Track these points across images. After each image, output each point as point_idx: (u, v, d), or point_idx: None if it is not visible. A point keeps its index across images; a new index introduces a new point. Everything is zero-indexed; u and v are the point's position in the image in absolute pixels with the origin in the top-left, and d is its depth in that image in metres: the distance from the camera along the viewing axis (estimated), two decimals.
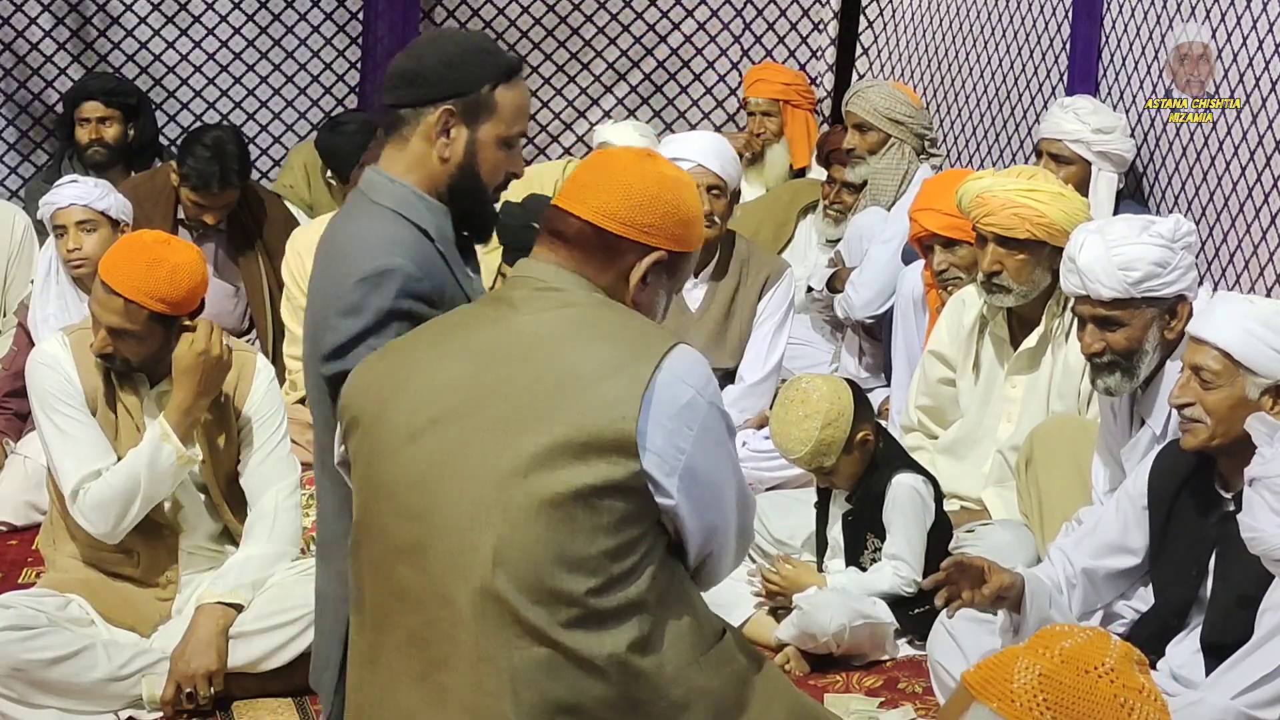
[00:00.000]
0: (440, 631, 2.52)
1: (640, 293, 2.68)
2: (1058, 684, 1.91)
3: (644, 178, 2.68)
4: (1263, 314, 3.44)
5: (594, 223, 2.64)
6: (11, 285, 5.82)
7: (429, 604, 2.53)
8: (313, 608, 3.86)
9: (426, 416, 2.57)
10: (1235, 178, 4.98)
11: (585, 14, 7.39)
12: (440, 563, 2.52)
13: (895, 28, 7.19)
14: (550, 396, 2.52)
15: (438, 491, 2.54)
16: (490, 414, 2.54)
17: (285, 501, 4.06)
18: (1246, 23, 4.94)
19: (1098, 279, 3.85)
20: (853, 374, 5.70)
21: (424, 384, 2.61)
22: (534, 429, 2.50)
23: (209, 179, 5.55)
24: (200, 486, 4.05)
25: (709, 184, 5.09)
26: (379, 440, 2.62)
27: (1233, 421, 3.39)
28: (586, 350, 2.56)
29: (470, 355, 2.61)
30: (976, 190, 4.48)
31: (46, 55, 6.90)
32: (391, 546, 2.58)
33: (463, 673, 2.51)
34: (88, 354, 3.93)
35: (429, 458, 2.56)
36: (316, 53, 7.23)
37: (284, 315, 5.56)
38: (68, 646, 3.76)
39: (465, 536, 2.50)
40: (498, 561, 2.48)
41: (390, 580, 2.58)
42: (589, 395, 2.51)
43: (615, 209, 2.64)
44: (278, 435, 4.10)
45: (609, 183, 2.66)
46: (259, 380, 4.08)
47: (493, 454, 2.51)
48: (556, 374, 2.54)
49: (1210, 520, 3.49)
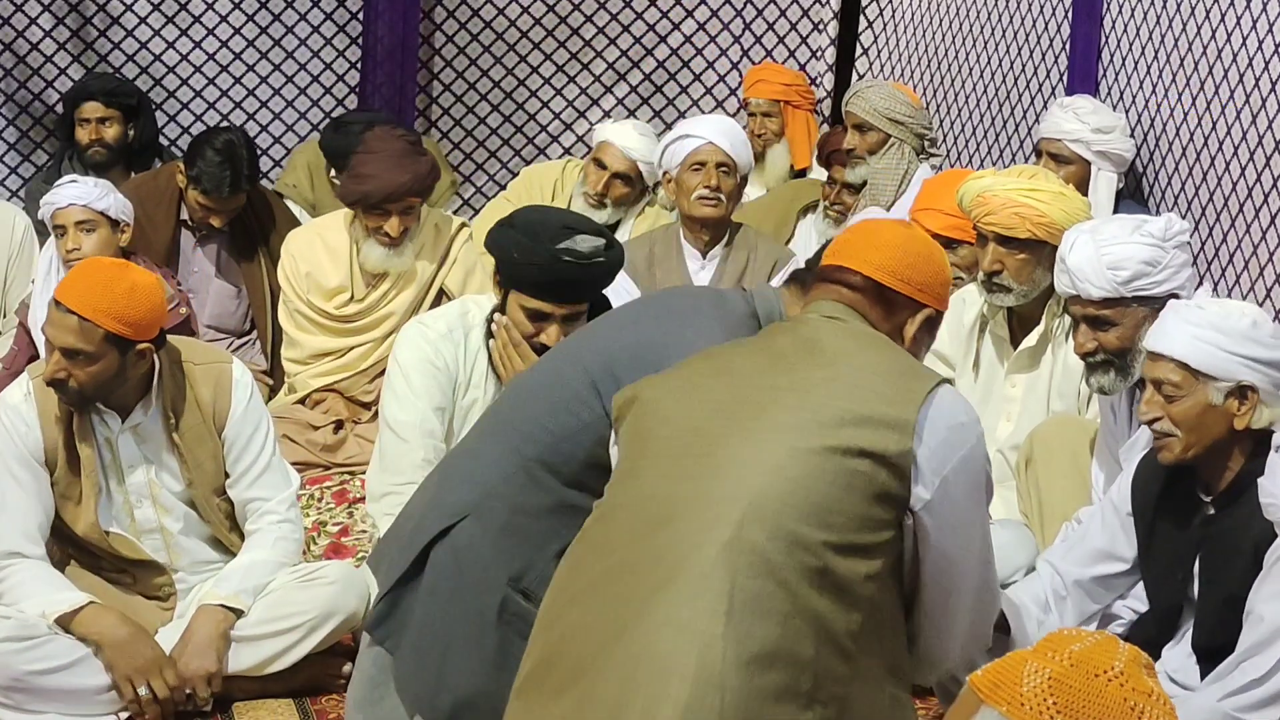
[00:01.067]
0: (678, 553, 2.67)
1: (910, 345, 2.99)
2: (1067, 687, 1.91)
3: (914, 240, 3.03)
4: (1211, 319, 3.44)
5: (875, 278, 2.95)
6: (12, 285, 5.80)
7: (678, 526, 2.71)
8: (314, 614, 3.89)
9: (720, 395, 2.84)
10: (1235, 178, 4.98)
11: (585, 14, 7.38)
12: (702, 493, 2.72)
13: (895, 28, 7.19)
14: (841, 385, 2.78)
15: (724, 434, 2.77)
16: (783, 394, 2.79)
17: (286, 511, 4.05)
18: (1246, 23, 4.94)
19: (1087, 279, 3.86)
20: None
21: (716, 371, 2.90)
22: (821, 405, 2.75)
23: (220, 183, 5.53)
24: (190, 506, 4.02)
25: (718, 161, 5.22)
26: (662, 403, 2.89)
27: (1203, 430, 3.41)
28: (875, 357, 2.85)
29: (767, 354, 2.91)
30: (977, 190, 4.48)
31: (46, 55, 6.89)
32: (655, 484, 2.79)
33: (683, 591, 2.63)
34: (51, 400, 3.85)
35: (715, 409, 2.81)
36: (316, 53, 7.22)
37: (280, 318, 5.55)
38: (68, 655, 3.75)
39: (736, 473, 2.72)
40: (757, 497, 2.67)
41: (643, 512, 2.77)
42: (877, 386, 2.77)
43: (894, 267, 2.95)
44: (268, 447, 4.04)
45: (886, 243, 2.98)
46: (238, 393, 4.00)
47: (782, 415, 2.76)
48: (846, 372, 2.80)
49: (1193, 524, 3.50)
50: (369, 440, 5.05)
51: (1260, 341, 3.41)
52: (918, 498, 2.74)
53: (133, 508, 3.94)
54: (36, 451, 3.86)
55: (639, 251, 5.36)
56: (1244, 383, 3.39)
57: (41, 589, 3.82)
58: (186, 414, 3.94)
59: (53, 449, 3.86)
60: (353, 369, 5.42)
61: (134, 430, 3.91)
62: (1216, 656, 3.36)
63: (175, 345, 4.00)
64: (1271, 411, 3.40)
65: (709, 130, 5.30)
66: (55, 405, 3.85)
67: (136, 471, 3.93)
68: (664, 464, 2.81)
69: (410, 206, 5.24)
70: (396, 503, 3.98)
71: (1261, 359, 3.40)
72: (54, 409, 3.85)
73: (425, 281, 5.41)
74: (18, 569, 3.84)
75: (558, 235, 3.99)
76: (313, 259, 5.41)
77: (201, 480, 3.97)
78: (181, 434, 3.93)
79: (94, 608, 3.79)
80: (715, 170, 5.23)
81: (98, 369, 3.77)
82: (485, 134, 7.44)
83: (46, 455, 3.87)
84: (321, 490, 5.05)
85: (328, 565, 4.09)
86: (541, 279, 4.01)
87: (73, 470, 3.87)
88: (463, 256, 5.39)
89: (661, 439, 2.84)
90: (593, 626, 2.71)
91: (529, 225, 4.04)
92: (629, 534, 2.77)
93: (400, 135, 5.33)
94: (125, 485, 3.93)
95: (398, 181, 5.16)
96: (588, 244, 4.02)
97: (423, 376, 4.12)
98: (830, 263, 3.01)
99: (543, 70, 7.41)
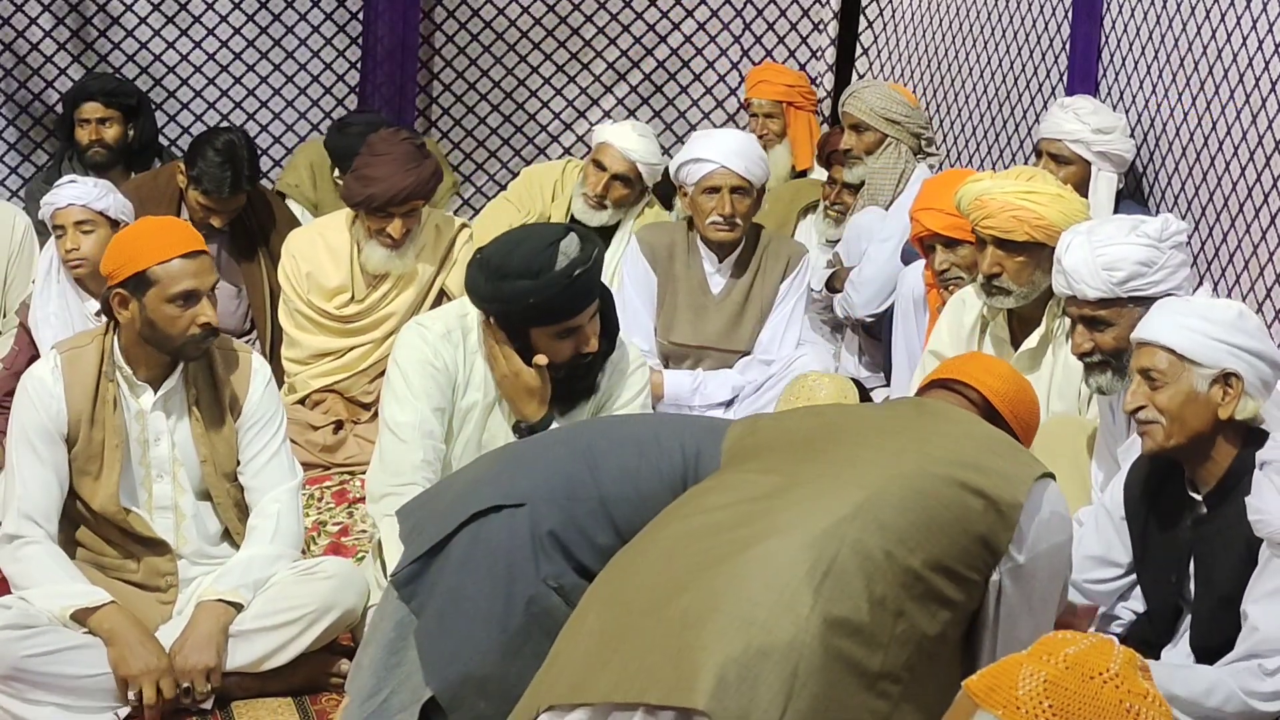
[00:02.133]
0: (787, 517, 2.81)
1: None
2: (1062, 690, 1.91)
3: (1027, 385, 3.41)
4: (1198, 309, 3.48)
5: (991, 400, 3.31)
6: (12, 285, 5.81)
7: (792, 494, 2.87)
8: (312, 608, 3.89)
9: (845, 421, 3.12)
10: (1235, 178, 4.98)
11: (585, 14, 7.38)
12: (826, 475, 2.91)
13: (895, 28, 7.19)
14: (966, 438, 3.03)
15: (853, 442, 3.00)
16: (911, 428, 3.05)
17: (288, 504, 4.06)
18: (1246, 23, 4.94)
19: (1083, 280, 3.87)
20: (852, 373, 5.71)
21: (841, 410, 3.34)
22: (948, 445, 2.99)
23: (221, 183, 5.54)
24: (201, 492, 4.05)
25: (733, 185, 5.24)
26: (784, 419, 3.22)
27: (1186, 418, 3.42)
28: (994, 432, 3.11)
29: (891, 407, 3.30)
30: (975, 193, 4.48)
31: (46, 55, 6.89)
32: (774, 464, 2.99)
33: (786, 546, 2.75)
34: (78, 373, 3.91)
35: (840, 429, 3.07)
36: (316, 53, 7.22)
37: (281, 318, 5.55)
38: (66, 644, 3.75)
39: (862, 468, 2.91)
40: (878, 494, 2.84)
41: (752, 485, 2.93)
42: (998, 450, 3.02)
43: (1009, 396, 3.34)
44: (278, 437, 4.09)
45: (1004, 375, 3.38)
46: (256, 381, 4.07)
47: (910, 442, 2.99)
48: (971, 429, 3.07)
49: (1185, 524, 3.51)
50: (369, 440, 5.06)
51: (1246, 331, 3.43)
52: (1011, 558, 2.90)
53: (152, 482, 3.99)
54: (60, 425, 3.90)
55: (660, 239, 5.44)
56: (1228, 370, 3.40)
57: (59, 577, 3.85)
58: (207, 393, 4.01)
59: (76, 423, 3.91)
60: (352, 369, 5.43)
61: (164, 402, 3.97)
62: (1214, 656, 3.37)
63: None
64: (1255, 404, 3.41)
65: (722, 153, 5.28)
66: (83, 377, 3.91)
67: (161, 444, 3.98)
68: (782, 454, 3.00)
69: (413, 209, 5.24)
70: (396, 503, 3.97)
71: (1246, 348, 3.41)
72: (81, 381, 3.91)
73: (426, 282, 5.41)
74: (34, 551, 3.87)
75: (549, 257, 3.99)
76: (313, 259, 5.42)
77: (215, 461, 4.02)
78: (201, 410, 4.00)
79: (112, 606, 3.82)
80: (729, 195, 5.27)
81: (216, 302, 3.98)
82: (485, 134, 7.45)
83: (69, 430, 3.91)
84: (321, 490, 5.06)
85: (326, 560, 4.11)
86: (568, 302, 4.03)
87: (95, 444, 3.91)
88: (463, 257, 5.38)
89: (782, 442, 3.04)
90: (677, 563, 2.81)
91: (523, 267, 3.99)
92: (733, 499, 2.91)
93: (405, 138, 5.33)
94: (149, 457, 3.98)
95: (401, 185, 5.16)
96: (574, 245, 4.02)
97: (421, 378, 4.12)
98: (948, 376, 3.35)
99: (543, 70, 7.41)
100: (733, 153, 5.29)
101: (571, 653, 2.85)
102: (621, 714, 2.70)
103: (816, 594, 2.69)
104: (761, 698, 2.61)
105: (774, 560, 2.74)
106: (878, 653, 2.71)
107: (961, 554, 2.84)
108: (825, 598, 2.69)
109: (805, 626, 2.66)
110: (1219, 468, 3.43)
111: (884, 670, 2.72)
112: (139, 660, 3.76)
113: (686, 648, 2.67)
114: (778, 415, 3.31)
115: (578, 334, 4.07)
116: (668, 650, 2.69)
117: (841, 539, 2.76)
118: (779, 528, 2.79)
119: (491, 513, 3.27)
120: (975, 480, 2.89)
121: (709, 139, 5.43)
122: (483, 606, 3.22)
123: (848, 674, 2.68)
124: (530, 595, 3.19)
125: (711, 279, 5.41)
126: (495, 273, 4.02)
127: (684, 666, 2.65)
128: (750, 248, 5.42)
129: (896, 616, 2.75)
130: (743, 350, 5.44)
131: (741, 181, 5.26)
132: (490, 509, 3.27)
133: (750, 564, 2.75)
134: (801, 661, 2.64)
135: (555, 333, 4.06)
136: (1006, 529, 2.88)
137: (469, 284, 4.12)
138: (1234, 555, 3.36)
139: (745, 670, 2.62)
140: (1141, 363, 3.49)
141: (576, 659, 2.82)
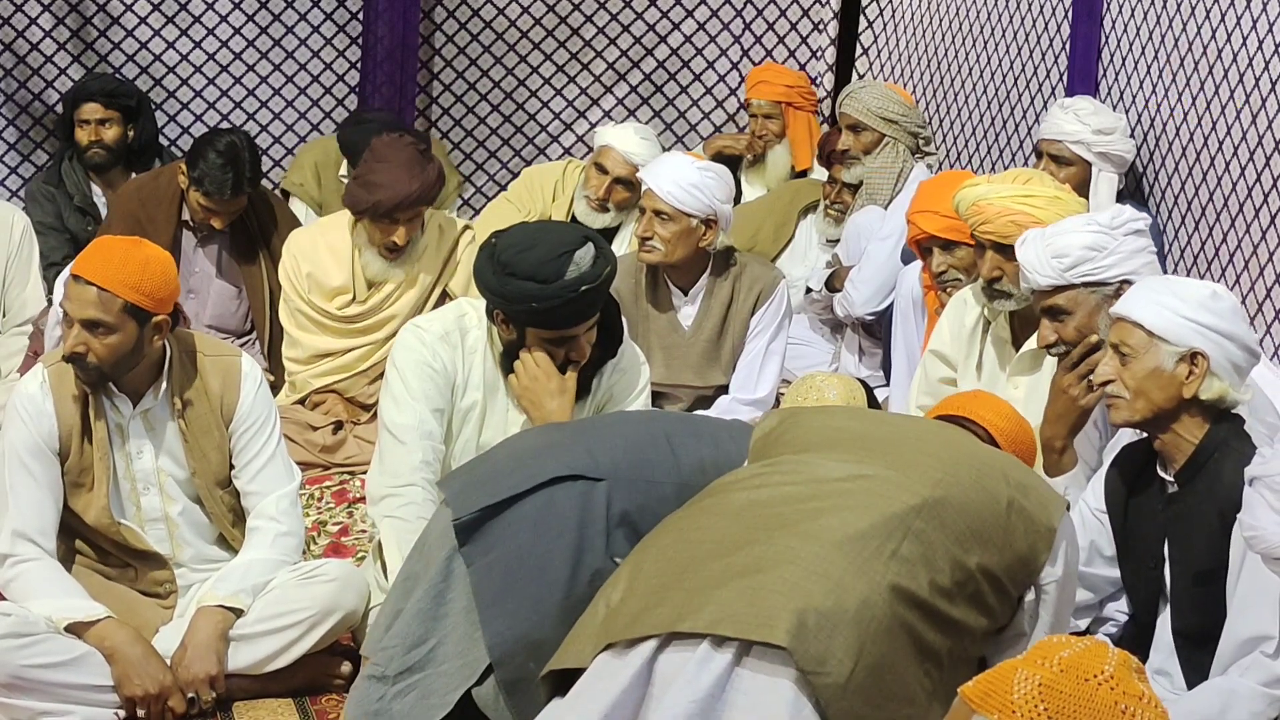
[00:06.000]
0: (862, 497, 2.93)
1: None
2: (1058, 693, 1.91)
3: (1027, 425, 3.58)
4: (1174, 288, 3.53)
5: (995, 436, 3.45)
6: (10, 285, 5.80)
7: (867, 478, 2.99)
8: (314, 611, 3.89)
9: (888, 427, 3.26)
10: (1235, 178, 4.99)
11: (585, 14, 7.38)
12: (900, 463, 3.04)
13: (895, 28, 7.19)
14: (1001, 456, 3.21)
15: (915, 447, 3.13)
16: (954, 441, 3.20)
17: (287, 508, 4.04)
18: (1246, 23, 4.94)
19: (1035, 269, 3.96)
20: (853, 373, 5.71)
21: (879, 416, 3.48)
22: (993, 459, 3.15)
23: (222, 185, 5.52)
24: (194, 498, 4.03)
25: (655, 209, 5.05)
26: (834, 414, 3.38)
27: (1150, 393, 3.45)
28: (1019, 460, 3.29)
29: (935, 424, 3.43)
30: (973, 198, 4.47)
31: (46, 55, 6.89)
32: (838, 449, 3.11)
33: (864, 517, 2.88)
34: (66, 387, 3.87)
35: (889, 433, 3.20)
36: (316, 53, 7.22)
37: (282, 317, 5.55)
38: (67, 653, 3.74)
39: (928, 465, 3.04)
40: (946, 494, 2.96)
41: (818, 469, 3.04)
42: (1032, 477, 3.16)
43: (1011, 434, 3.49)
44: (273, 441, 4.05)
45: (1007, 414, 3.54)
46: (246, 385, 4.02)
47: (963, 455, 3.12)
48: (1006, 459, 3.20)
49: (1158, 507, 3.54)
50: (369, 441, 5.06)
51: (1216, 312, 3.46)
52: (1045, 578, 3.04)
53: (139, 495, 3.96)
54: (51, 440, 3.87)
55: (625, 283, 5.16)
56: (1195, 349, 3.42)
57: (54, 592, 3.83)
58: (195, 404, 3.96)
59: (67, 436, 3.88)
60: (353, 370, 5.42)
61: (144, 416, 3.93)
62: (1194, 639, 3.42)
63: (189, 336, 4.04)
64: (1221, 385, 3.44)
65: (654, 177, 5.10)
66: (71, 391, 3.87)
67: (144, 457, 3.95)
68: (846, 448, 3.10)
69: (417, 215, 5.24)
70: (396, 504, 3.99)
71: (1215, 328, 3.44)
72: (70, 394, 3.87)
73: (428, 284, 5.41)
74: (29, 568, 3.84)
75: (560, 266, 3.98)
76: (315, 259, 5.41)
77: (205, 471, 3.98)
78: (188, 423, 3.95)
79: (110, 621, 3.80)
80: (652, 217, 5.07)
81: (116, 341, 3.80)
82: (485, 134, 7.45)
83: (61, 443, 3.88)
84: (321, 490, 5.05)
85: (327, 563, 4.09)
86: (568, 315, 4.03)
87: (86, 456, 3.89)
88: (466, 259, 5.38)
89: (845, 436, 3.15)
90: (745, 520, 2.92)
91: (533, 271, 3.98)
92: (803, 478, 3.01)
93: (410, 142, 5.31)
94: (133, 470, 3.94)
95: (407, 191, 5.15)
96: (588, 258, 4.01)
97: (420, 379, 4.12)
98: (956, 413, 3.49)
99: (543, 70, 7.41)
100: (664, 176, 5.08)
101: (632, 591, 2.91)
102: (678, 652, 2.76)
103: (887, 565, 2.82)
104: (837, 648, 2.70)
105: (848, 529, 2.86)
106: (933, 630, 2.83)
107: (1006, 568, 2.98)
108: (894, 571, 2.82)
109: (878, 589, 2.78)
110: (1188, 445, 3.46)
111: (935, 648, 2.84)
112: (144, 680, 3.75)
113: (761, 588, 2.75)
114: (823, 411, 3.44)
115: (571, 343, 4.07)
116: (740, 589, 2.77)
117: (908, 528, 2.89)
118: (851, 506, 2.91)
119: (569, 480, 3.34)
120: (1020, 500, 3.03)
121: (656, 161, 5.29)
122: (550, 572, 3.28)
123: (908, 644, 2.80)
124: (596, 569, 3.26)
125: (681, 313, 5.22)
126: (504, 268, 4.03)
127: (760, 605, 2.73)
128: (719, 274, 5.20)
129: (951, 603, 2.87)
130: (719, 385, 5.25)
131: (663, 206, 5.06)
132: (569, 476, 3.33)
133: (825, 530, 2.85)
134: (873, 623, 2.76)
135: (549, 338, 4.06)
136: (1045, 549, 3.03)
137: (477, 267, 4.13)
138: (1206, 529, 3.39)
139: (824, 620, 2.71)
140: (1115, 337, 3.54)
141: (634, 600, 2.88)
